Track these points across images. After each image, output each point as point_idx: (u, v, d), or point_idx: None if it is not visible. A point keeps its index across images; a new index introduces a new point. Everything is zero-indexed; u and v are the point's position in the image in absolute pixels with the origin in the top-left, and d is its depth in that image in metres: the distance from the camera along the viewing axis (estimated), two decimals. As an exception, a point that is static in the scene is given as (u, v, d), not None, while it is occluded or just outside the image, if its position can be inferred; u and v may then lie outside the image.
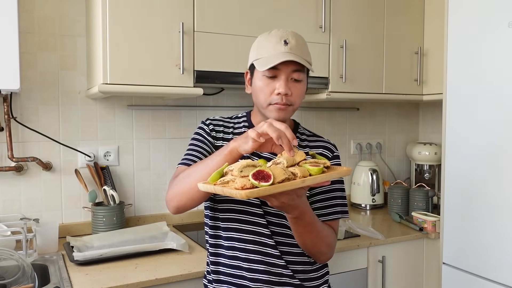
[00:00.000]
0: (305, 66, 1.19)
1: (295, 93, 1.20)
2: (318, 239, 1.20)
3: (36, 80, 1.89)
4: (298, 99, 1.22)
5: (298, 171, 0.99)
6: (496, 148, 1.73)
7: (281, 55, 1.16)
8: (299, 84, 1.21)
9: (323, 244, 1.23)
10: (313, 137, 1.36)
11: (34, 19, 1.88)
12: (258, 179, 0.93)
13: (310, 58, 1.25)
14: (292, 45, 1.19)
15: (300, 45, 1.21)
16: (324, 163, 1.06)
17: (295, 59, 1.16)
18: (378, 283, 1.98)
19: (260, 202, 1.24)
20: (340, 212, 1.30)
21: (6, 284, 1.34)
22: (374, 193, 2.54)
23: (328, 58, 2.12)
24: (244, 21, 1.90)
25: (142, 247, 1.66)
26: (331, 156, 1.31)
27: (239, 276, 1.25)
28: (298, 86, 1.21)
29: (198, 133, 1.34)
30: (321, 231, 1.20)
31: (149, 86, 1.73)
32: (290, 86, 1.19)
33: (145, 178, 2.13)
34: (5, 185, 1.86)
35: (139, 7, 1.70)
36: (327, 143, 1.35)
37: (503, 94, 1.71)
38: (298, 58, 1.17)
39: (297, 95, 1.21)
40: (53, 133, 1.93)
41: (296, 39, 1.21)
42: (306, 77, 1.25)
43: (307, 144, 1.32)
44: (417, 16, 2.41)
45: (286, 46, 1.18)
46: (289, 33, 1.21)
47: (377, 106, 2.78)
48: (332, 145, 1.35)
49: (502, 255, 1.71)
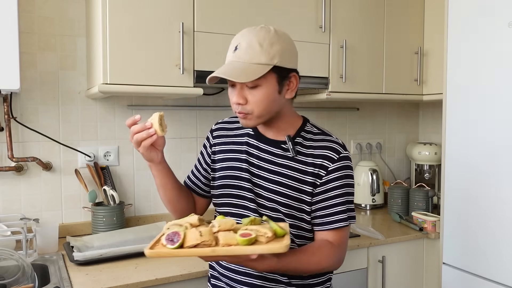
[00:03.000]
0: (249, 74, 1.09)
1: (252, 101, 1.13)
2: (308, 270, 1.17)
3: (36, 80, 1.89)
4: (257, 107, 1.13)
5: (221, 238, 0.98)
6: (496, 148, 1.73)
7: (223, 67, 1.13)
8: (256, 90, 1.12)
9: (317, 270, 1.18)
10: (320, 136, 1.24)
11: (34, 19, 1.88)
12: (169, 240, 0.96)
13: (266, 56, 1.10)
14: (241, 51, 1.12)
15: (251, 47, 1.11)
16: (264, 233, 0.99)
17: (223, 75, 1.09)
18: (378, 283, 1.98)
19: (256, 205, 1.23)
20: (341, 220, 1.19)
21: (6, 284, 1.34)
22: (374, 193, 2.54)
23: (328, 58, 2.12)
24: (244, 21, 1.90)
25: (142, 247, 1.65)
26: (337, 158, 1.19)
27: (235, 280, 1.24)
28: (254, 93, 1.13)
29: (204, 143, 1.39)
30: (309, 264, 1.14)
31: (149, 86, 1.73)
32: (247, 94, 1.13)
33: (145, 178, 2.13)
34: (5, 185, 1.86)
35: (139, 7, 1.70)
36: (334, 143, 1.22)
37: (503, 94, 1.71)
38: (233, 70, 1.10)
39: (254, 102, 1.13)
40: (53, 133, 1.93)
41: (249, 41, 1.12)
42: (272, 78, 1.13)
43: (311, 145, 1.22)
44: (417, 16, 2.41)
45: (234, 53, 1.13)
46: (248, 34, 1.13)
47: (377, 106, 2.78)
48: (340, 145, 1.22)
49: (502, 255, 1.71)
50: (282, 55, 1.12)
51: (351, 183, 1.22)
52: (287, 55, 1.14)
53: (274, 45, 1.12)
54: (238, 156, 1.27)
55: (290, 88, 1.18)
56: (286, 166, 1.21)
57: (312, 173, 1.19)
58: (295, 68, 1.19)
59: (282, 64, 1.13)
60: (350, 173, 1.22)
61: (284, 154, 1.22)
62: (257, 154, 1.25)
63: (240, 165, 1.26)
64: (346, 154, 1.22)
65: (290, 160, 1.21)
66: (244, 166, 1.25)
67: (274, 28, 1.16)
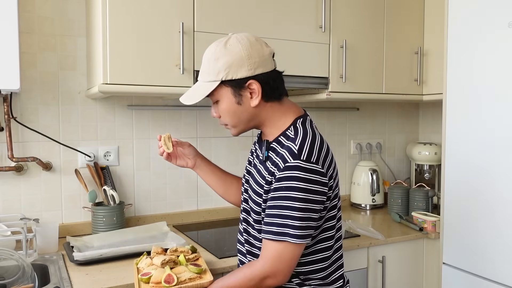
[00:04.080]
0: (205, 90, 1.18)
1: (221, 114, 1.23)
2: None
3: (36, 80, 1.89)
4: (226, 118, 1.22)
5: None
6: (496, 148, 1.73)
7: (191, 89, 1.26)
8: (218, 104, 1.21)
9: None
10: (287, 141, 1.17)
11: (34, 19, 1.88)
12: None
13: (212, 73, 1.16)
14: (200, 70, 1.22)
15: (203, 65, 1.20)
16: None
17: (180, 99, 1.23)
18: (378, 283, 1.98)
19: (242, 209, 1.32)
20: (268, 232, 1.11)
21: (6, 284, 1.34)
22: (374, 193, 2.54)
23: (328, 58, 2.12)
24: (244, 21, 1.90)
25: (142, 247, 1.66)
26: (283, 167, 1.11)
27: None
28: (218, 107, 1.22)
29: None
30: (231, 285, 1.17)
31: (149, 86, 1.73)
32: (216, 108, 1.23)
33: (145, 178, 2.13)
34: (5, 185, 1.86)
35: (139, 7, 1.70)
36: (288, 150, 1.13)
37: (503, 94, 1.71)
38: (189, 92, 1.22)
39: (222, 114, 1.22)
40: (53, 133, 1.93)
41: (203, 59, 1.20)
42: (226, 91, 1.17)
43: (277, 150, 1.18)
44: (417, 16, 2.41)
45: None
46: (205, 51, 1.20)
47: (377, 106, 2.78)
48: (292, 153, 1.11)
49: (502, 255, 1.71)
50: (228, 68, 1.14)
51: (293, 196, 1.08)
52: (234, 67, 1.14)
53: (219, 60, 1.15)
54: (249, 158, 1.37)
55: (253, 96, 1.17)
56: (259, 172, 1.22)
57: (267, 180, 1.17)
58: (253, 75, 1.16)
59: (229, 77, 1.15)
60: (293, 185, 1.09)
61: (262, 160, 1.24)
62: (252, 158, 1.33)
63: (247, 168, 1.35)
64: (295, 164, 1.09)
65: (262, 166, 1.22)
66: (246, 169, 1.35)
67: (228, 40, 1.17)
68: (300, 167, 1.09)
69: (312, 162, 1.10)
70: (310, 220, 1.11)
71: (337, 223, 1.25)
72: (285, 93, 1.25)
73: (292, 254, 1.11)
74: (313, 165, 1.10)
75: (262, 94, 1.17)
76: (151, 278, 1.28)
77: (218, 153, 2.28)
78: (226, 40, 1.17)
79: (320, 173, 1.11)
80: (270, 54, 1.20)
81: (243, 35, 1.18)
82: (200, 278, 1.31)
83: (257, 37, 1.20)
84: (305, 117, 1.24)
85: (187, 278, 1.28)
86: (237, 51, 1.14)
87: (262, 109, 1.20)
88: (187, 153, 1.46)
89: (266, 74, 1.17)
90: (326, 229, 1.21)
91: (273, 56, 1.22)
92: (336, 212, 1.23)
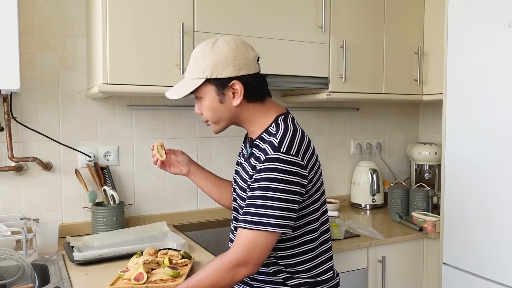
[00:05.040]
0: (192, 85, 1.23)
1: (203, 110, 1.27)
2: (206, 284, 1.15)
3: (36, 80, 1.89)
4: (208, 115, 1.26)
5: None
6: (496, 148, 1.73)
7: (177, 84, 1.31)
8: (201, 101, 1.26)
9: (211, 281, 1.15)
10: (268, 137, 1.20)
11: (34, 19, 1.88)
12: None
13: (198, 70, 1.21)
14: (187, 67, 1.26)
15: (190, 63, 1.25)
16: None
17: (166, 93, 1.30)
18: (378, 283, 1.98)
19: (232, 208, 1.35)
20: (244, 221, 1.12)
21: (6, 284, 1.34)
22: (374, 193, 2.54)
23: (328, 58, 2.12)
24: (244, 21, 1.90)
25: (142, 247, 1.66)
26: (264, 159, 1.14)
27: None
28: (201, 104, 1.26)
29: None
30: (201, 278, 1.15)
31: (149, 86, 1.73)
32: (199, 105, 1.28)
33: (145, 178, 2.13)
34: (5, 185, 1.86)
35: (139, 7, 1.70)
36: (269, 144, 1.17)
37: (503, 94, 1.71)
38: (175, 87, 1.28)
39: (204, 112, 1.27)
40: (53, 133, 1.93)
41: (191, 57, 1.25)
42: (210, 89, 1.22)
43: (260, 146, 1.21)
44: (417, 16, 2.41)
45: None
46: (193, 50, 1.25)
47: (377, 106, 2.78)
48: (273, 146, 1.14)
49: (502, 255, 1.71)
50: (214, 67, 1.19)
51: (272, 186, 1.11)
52: (219, 66, 1.19)
53: (206, 59, 1.20)
54: (237, 159, 1.41)
55: (235, 95, 1.22)
56: (244, 169, 1.27)
57: (250, 175, 1.21)
58: (237, 76, 1.20)
59: (213, 76, 1.20)
60: (272, 176, 1.11)
61: (246, 157, 1.29)
62: (239, 158, 1.37)
63: (235, 168, 1.39)
64: (274, 156, 1.12)
65: (247, 162, 1.27)
66: (235, 169, 1.38)
67: (216, 41, 1.22)
68: (280, 159, 1.12)
69: (291, 154, 1.13)
70: (287, 211, 1.12)
71: (321, 216, 1.28)
72: (268, 94, 1.29)
73: (265, 243, 1.12)
74: (292, 157, 1.13)
75: (244, 95, 1.22)
76: (125, 274, 1.36)
77: (218, 153, 2.28)
78: (214, 41, 1.22)
79: (300, 165, 1.14)
80: (255, 58, 1.25)
81: (231, 38, 1.23)
82: (172, 280, 1.32)
83: (244, 41, 1.25)
84: (287, 114, 1.28)
85: (157, 278, 1.32)
86: (224, 52, 1.20)
87: (243, 108, 1.25)
88: (180, 160, 1.52)
89: (250, 76, 1.22)
90: (310, 222, 1.24)
91: (258, 60, 1.27)
92: (319, 206, 1.26)
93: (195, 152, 2.23)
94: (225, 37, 1.23)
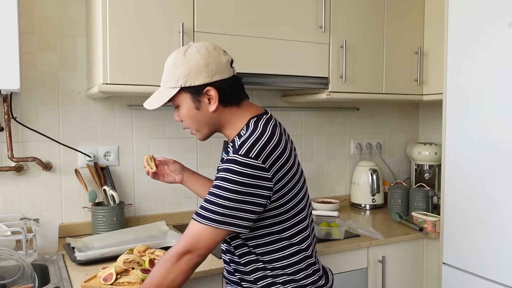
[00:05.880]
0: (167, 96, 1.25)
1: (182, 118, 1.29)
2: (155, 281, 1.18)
3: (36, 80, 1.89)
4: (188, 122, 1.28)
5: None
6: (496, 148, 1.73)
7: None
8: (179, 110, 1.28)
9: (160, 274, 1.18)
10: (236, 142, 1.22)
11: (34, 19, 1.88)
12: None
13: (172, 80, 1.23)
14: (162, 76, 1.28)
15: (164, 72, 1.27)
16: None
17: (144, 104, 1.32)
18: (378, 283, 1.98)
19: None
20: (197, 214, 1.17)
21: (6, 284, 1.34)
22: (374, 193, 2.54)
23: (328, 58, 2.12)
24: (244, 22, 1.90)
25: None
26: (225, 159, 1.18)
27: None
28: (179, 112, 1.28)
29: None
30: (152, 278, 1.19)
31: (149, 86, 1.72)
32: (178, 113, 1.29)
33: (145, 178, 2.12)
34: (5, 185, 1.86)
35: (139, 7, 1.70)
36: (232, 146, 1.23)
37: (503, 94, 1.71)
38: (152, 97, 1.30)
39: (183, 119, 1.29)
40: (53, 133, 1.93)
41: (165, 67, 1.27)
42: (186, 97, 1.24)
43: (224, 156, 1.24)
44: (417, 16, 2.41)
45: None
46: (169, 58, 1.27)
47: (377, 106, 2.78)
48: (235, 148, 1.17)
49: (502, 255, 1.71)
50: (187, 76, 1.21)
51: (223, 186, 1.12)
52: (192, 74, 1.21)
53: (179, 68, 1.22)
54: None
55: (211, 101, 1.23)
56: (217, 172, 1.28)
57: None
58: (211, 82, 1.22)
59: (187, 84, 1.22)
60: (225, 176, 1.13)
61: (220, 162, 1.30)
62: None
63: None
64: (232, 157, 1.14)
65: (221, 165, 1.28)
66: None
67: (188, 48, 1.23)
68: (236, 161, 1.13)
69: (249, 157, 1.13)
70: (237, 211, 1.13)
71: (298, 225, 1.25)
72: (244, 97, 1.30)
73: (210, 237, 1.15)
74: (249, 160, 1.13)
75: (219, 100, 1.23)
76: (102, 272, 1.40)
77: (218, 153, 2.28)
78: (186, 49, 1.24)
79: (259, 168, 1.13)
80: (227, 62, 1.25)
81: (202, 44, 1.24)
82: (140, 284, 1.32)
83: (216, 46, 1.26)
84: (261, 116, 1.27)
85: (126, 281, 1.34)
86: (195, 60, 1.21)
87: (220, 113, 1.26)
88: (173, 169, 1.55)
89: (224, 81, 1.23)
90: (284, 229, 1.23)
91: (232, 64, 1.27)
92: (293, 213, 1.23)
93: (195, 152, 2.23)
94: (197, 44, 1.25)
